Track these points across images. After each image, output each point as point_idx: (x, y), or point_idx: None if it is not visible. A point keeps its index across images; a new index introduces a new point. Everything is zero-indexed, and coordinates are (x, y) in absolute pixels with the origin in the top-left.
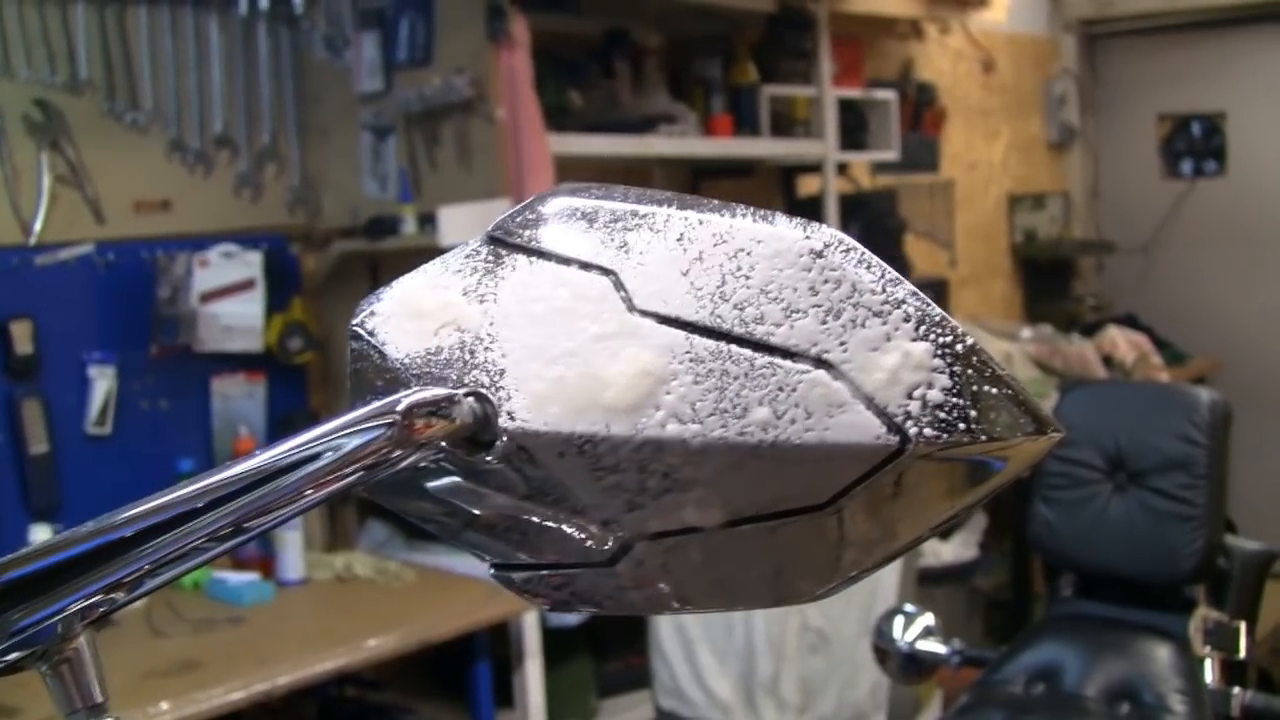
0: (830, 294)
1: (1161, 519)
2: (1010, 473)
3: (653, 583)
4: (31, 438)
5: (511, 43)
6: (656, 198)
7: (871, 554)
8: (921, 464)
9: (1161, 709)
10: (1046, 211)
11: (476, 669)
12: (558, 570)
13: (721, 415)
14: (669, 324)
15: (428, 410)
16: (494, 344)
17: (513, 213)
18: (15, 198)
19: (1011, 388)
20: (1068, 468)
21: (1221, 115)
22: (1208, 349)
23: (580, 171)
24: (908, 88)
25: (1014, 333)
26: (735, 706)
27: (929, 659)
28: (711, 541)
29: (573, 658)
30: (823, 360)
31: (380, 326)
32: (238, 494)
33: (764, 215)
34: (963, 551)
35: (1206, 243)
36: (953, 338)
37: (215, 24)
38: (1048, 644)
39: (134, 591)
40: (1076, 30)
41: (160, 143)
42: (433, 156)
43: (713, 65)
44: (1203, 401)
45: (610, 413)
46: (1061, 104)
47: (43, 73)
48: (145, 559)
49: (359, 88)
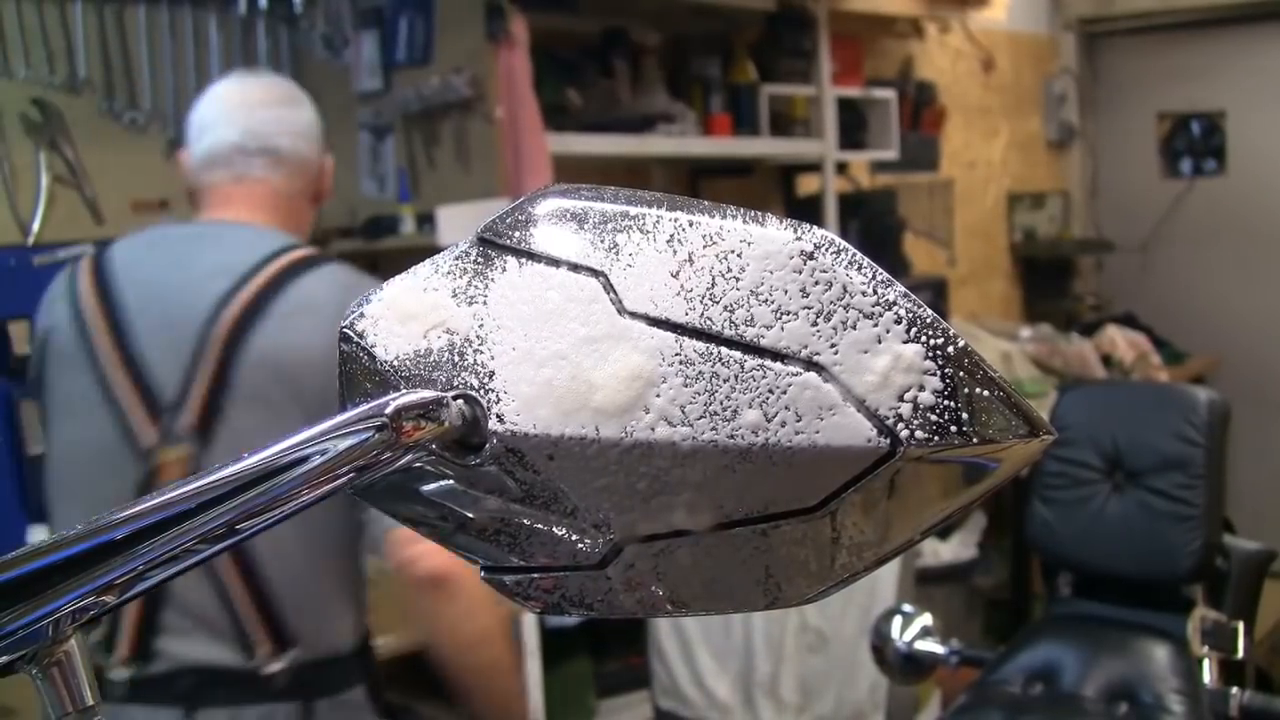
0: (821, 296)
1: (1160, 519)
2: (1003, 475)
3: (644, 585)
4: (30, 438)
5: (510, 42)
6: (646, 199)
7: (864, 556)
8: (913, 467)
9: (1160, 709)
10: (1046, 210)
11: None
12: (549, 573)
13: (711, 418)
14: (659, 326)
15: (416, 413)
16: (483, 346)
17: (503, 214)
18: (13, 198)
19: (1003, 390)
20: (1066, 467)
21: (1221, 114)
22: (1207, 348)
23: (579, 171)
24: (907, 87)
25: (1013, 332)
26: (734, 706)
27: (927, 659)
28: (702, 544)
29: (571, 658)
30: (813, 362)
31: (370, 329)
32: (229, 496)
33: (755, 216)
34: (961, 551)
35: (1206, 242)
36: (944, 340)
37: (214, 23)
38: (1046, 644)
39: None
40: (1076, 29)
41: (159, 142)
42: (431, 156)
43: (712, 64)
44: (1201, 401)
45: (600, 415)
46: (1061, 103)
47: (41, 72)
48: (137, 561)
49: (358, 87)
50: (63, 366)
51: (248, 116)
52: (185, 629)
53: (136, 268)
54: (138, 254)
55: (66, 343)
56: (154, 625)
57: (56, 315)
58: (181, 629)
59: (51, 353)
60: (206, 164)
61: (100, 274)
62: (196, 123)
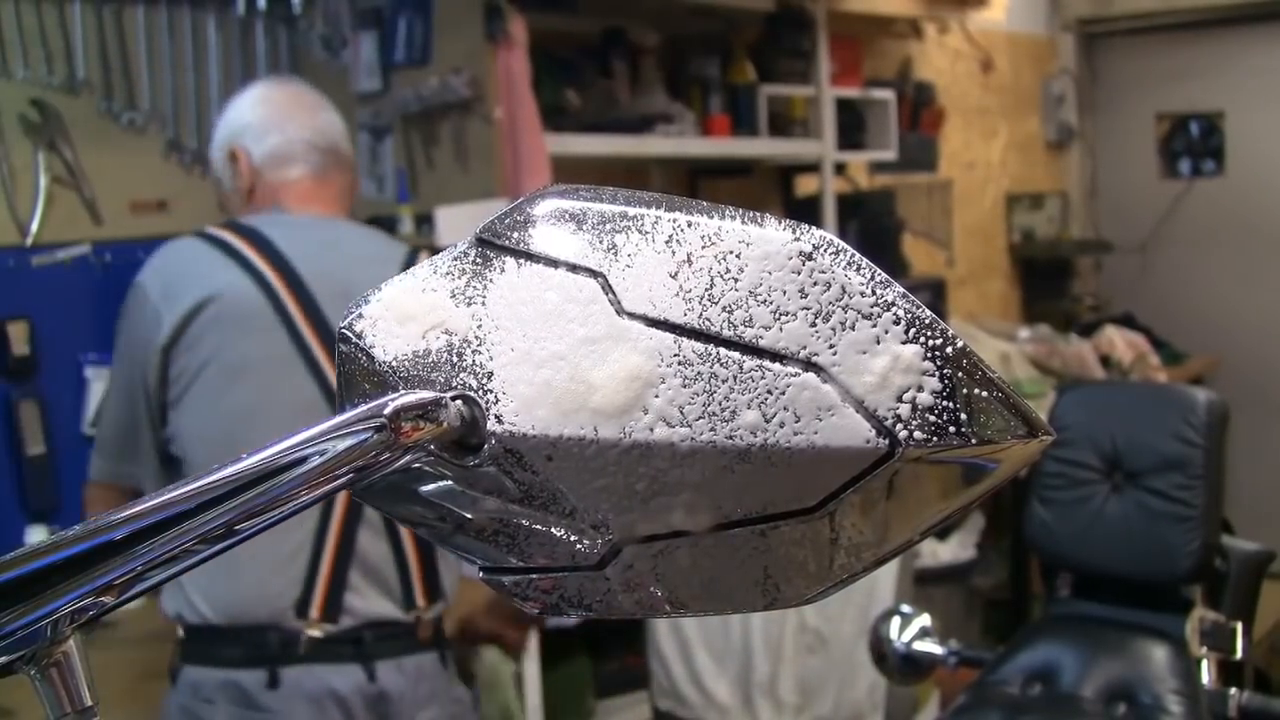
0: (819, 296)
1: (1158, 519)
2: (1002, 475)
3: (642, 586)
4: (28, 439)
5: (509, 42)
6: (645, 200)
7: (863, 557)
8: (912, 467)
9: (1158, 709)
10: (1044, 211)
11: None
12: (547, 574)
13: (710, 419)
14: (657, 327)
15: (415, 414)
16: (482, 347)
17: (501, 214)
18: (12, 198)
19: (1002, 390)
20: (1065, 468)
21: (1220, 115)
22: (1205, 348)
23: (578, 172)
24: (906, 87)
25: (1012, 332)
26: (732, 707)
27: (926, 659)
28: (701, 545)
29: (570, 658)
30: (812, 363)
31: (368, 329)
32: (228, 496)
33: (753, 217)
34: (960, 551)
35: (1204, 242)
36: (943, 340)
37: (213, 24)
38: (1045, 644)
39: (124, 594)
40: (1075, 30)
41: (157, 143)
42: (430, 156)
43: (710, 64)
44: (1200, 402)
45: (598, 416)
46: (1060, 103)
47: (40, 72)
48: (136, 561)
49: (356, 87)
50: (241, 329)
51: (312, 119)
52: (364, 587)
53: (293, 245)
54: (286, 233)
55: (247, 306)
56: (342, 583)
57: (221, 281)
58: (361, 587)
59: (220, 317)
60: (278, 161)
61: (265, 247)
62: (255, 124)
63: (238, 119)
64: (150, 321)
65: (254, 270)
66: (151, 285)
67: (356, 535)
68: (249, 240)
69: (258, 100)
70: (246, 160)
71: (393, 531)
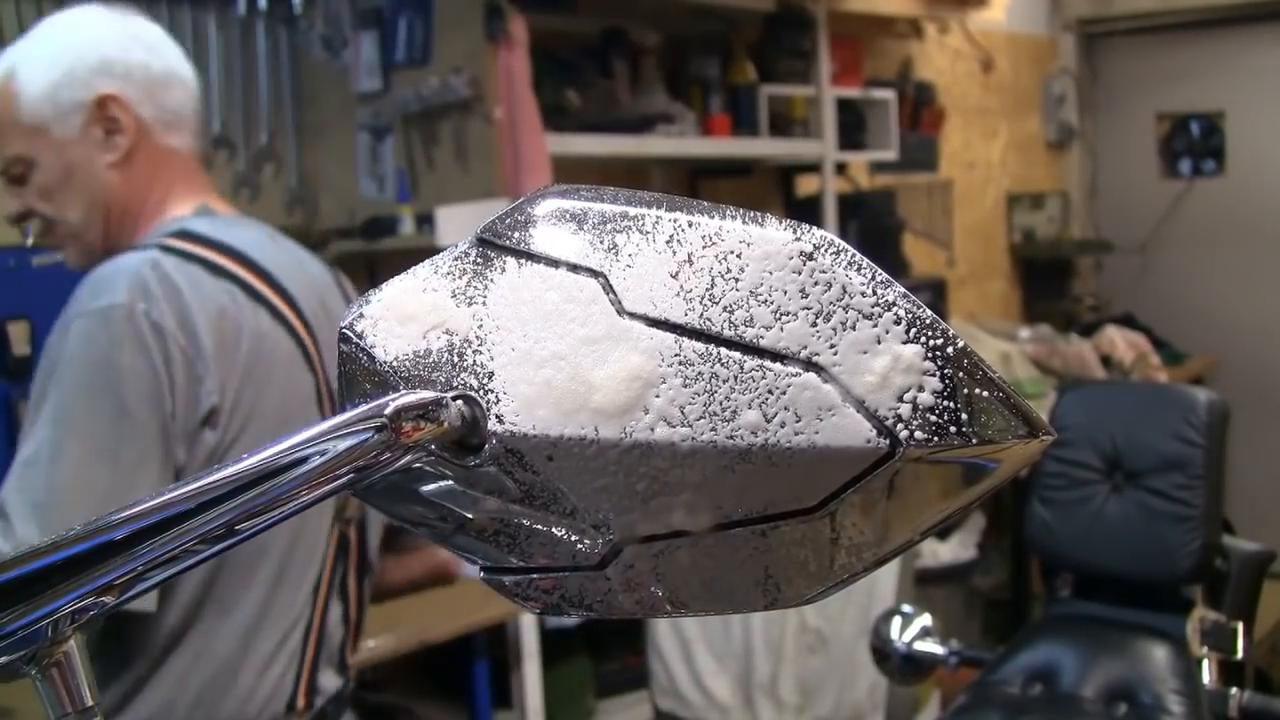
0: (820, 296)
1: (1159, 519)
2: (1002, 475)
3: (643, 586)
4: None
5: (510, 42)
6: (646, 199)
7: (863, 557)
8: (913, 467)
9: (1159, 709)
10: (1045, 211)
11: (475, 669)
12: (548, 574)
13: (711, 418)
14: (658, 327)
15: (416, 413)
16: (483, 347)
17: (502, 214)
18: None
19: (1003, 390)
20: (1065, 468)
21: (1220, 115)
22: (1206, 348)
23: (578, 172)
24: (906, 87)
25: (1012, 332)
26: (733, 707)
27: (926, 659)
28: (701, 545)
29: (571, 658)
30: (813, 363)
31: (369, 329)
32: (228, 496)
33: (754, 217)
34: (961, 551)
35: (1205, 242)
36: (943, 340)
37: (213, 24)
38: (1045, 644)
39: (125, 594)
40: (1075, 29)
41: None
42: (430, 156)
43: (711, 64)
44: (1200, 402)
45: (599, 416)
46: (1060, 103)
47: None
48: (136, 561)
49: (357, 87)
50: (283, 388)
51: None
52: (324, 664)
53: (280, 268)
54: (263, 250)
55: (283, 352)
56: (317, 667)
57: (251, 324)
58: (324, 665)
59: (267, 375)
60: (170, 123)
61: (268, 277)
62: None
63: (107, 49)
64: (177, 365)
65: (276, 311)
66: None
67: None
68: (251, 269)
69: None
70: (131, 112)
71: (346, 602)
